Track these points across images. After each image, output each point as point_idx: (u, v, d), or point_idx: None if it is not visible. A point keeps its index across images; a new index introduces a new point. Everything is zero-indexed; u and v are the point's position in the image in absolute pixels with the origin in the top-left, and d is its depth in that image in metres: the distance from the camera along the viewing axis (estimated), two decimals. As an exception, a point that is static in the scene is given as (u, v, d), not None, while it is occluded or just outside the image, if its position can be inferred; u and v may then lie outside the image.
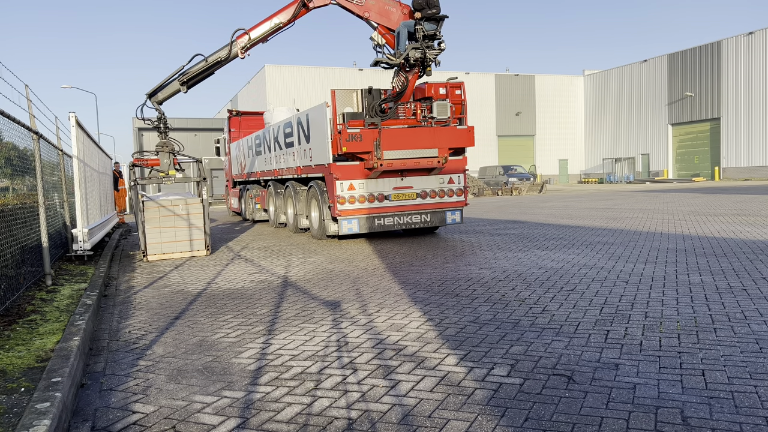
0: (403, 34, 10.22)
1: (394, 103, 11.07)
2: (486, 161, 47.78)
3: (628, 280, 6.51)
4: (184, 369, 4.12)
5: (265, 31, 10.68)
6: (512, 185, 35.12)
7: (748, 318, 4.72)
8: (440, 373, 3.78)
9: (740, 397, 3.18)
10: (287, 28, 10.76)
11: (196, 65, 10.79)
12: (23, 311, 5.57)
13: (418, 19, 10.04)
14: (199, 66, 10.78)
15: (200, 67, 10.78)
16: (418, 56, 10.03)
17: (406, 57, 10.08)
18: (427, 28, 10.09)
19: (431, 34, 10.09)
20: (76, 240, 9.30)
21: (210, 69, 10.89)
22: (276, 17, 10.66)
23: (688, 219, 13.20)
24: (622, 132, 51.64)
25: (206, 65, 10.76)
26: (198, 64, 10.78)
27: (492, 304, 5.62)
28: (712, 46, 43.30)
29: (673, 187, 34.66)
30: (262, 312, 5.79)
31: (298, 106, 22.01)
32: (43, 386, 3.36)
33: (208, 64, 10.75)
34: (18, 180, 7.73)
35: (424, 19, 10.06)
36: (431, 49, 10.17)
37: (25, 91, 7.49)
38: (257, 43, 10.77)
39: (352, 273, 7.87)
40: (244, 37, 10.68)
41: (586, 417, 3.02)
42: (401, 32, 10.22)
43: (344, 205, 10.72)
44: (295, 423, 3.12)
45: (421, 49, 10.04)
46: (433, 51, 10.15)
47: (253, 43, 10.71)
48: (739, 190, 25.36)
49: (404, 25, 10.23)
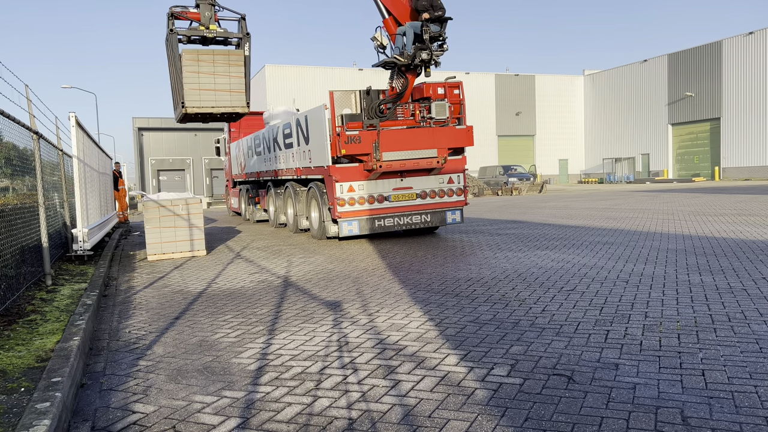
0: (409, 34, 10.35)
1: (392, 104, 11.09)
2: (486, 161, 47.77)
3: (628, 280, 6.51)
4: (184, 369, 4.12)
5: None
6: (512, 185, 35.12)
7: (748, 318, 4.72)
8: (440, 373, 3.78)
9: (740, 397, 3.18)
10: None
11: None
12: (23, 311, 5.57)
13: (425, 21, 10.18)
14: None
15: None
16: (425, 57, 10.19)
17: (413, 58, 10.21)
18: (432, 30, 10.22)
19: (436, 35, 10.23)
20: (76, 240, 9.29)
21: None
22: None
23: (688, 219, 13.20)
24: (622, 132, 51.64)
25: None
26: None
27: (492, 304, 5.62)
28: (712, 46, 43.30)
29: (673, 187, 34.66)
30: (262, 312, 5.79)
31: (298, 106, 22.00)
32: (43, 386, 3.36)
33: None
34: (18, 180, 7.74)
35: (431, 20, 10.20)
36: (439, 49, 10.38)
37: (25, 91, 7.50)
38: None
39: (352, 273, 7.87)
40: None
41: (586, 417, 3.02)
42: (407, 32, 10.35)
43: (344, 207, 10.72)
44: (295, 423, 3.12)
45: (428, 50, 10.20)
46: (437, 52, 10.32)
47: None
48: (739, 190, 25.36)
49: (410, 26, 10.33)
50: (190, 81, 9.84)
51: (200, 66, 9.85)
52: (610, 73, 53.08)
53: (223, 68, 10.02)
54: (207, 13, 10.33)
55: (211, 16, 10.34)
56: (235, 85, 10.05)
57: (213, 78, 9.97)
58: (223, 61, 10.08)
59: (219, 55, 10.05)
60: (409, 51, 10.31)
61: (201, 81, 9.93)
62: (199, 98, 9.90)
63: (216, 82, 9.98)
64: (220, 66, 10.03)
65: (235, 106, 10.03)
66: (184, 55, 9.89)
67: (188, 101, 9.84)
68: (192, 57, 9.84)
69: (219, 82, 10.02)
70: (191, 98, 9.85)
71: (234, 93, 10.04)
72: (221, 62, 10.06)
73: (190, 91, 9.80)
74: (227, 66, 10.04)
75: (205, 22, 10.31)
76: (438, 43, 10.46)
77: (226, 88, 10.00)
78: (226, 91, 10.00)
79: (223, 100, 9.99)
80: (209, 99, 9.96)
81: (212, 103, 9.93)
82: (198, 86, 9.86)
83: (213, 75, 9.96)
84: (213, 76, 9.96)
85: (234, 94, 10.04)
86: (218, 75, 10.02)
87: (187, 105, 9.76)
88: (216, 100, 9.94)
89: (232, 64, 10.10)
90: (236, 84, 10.07)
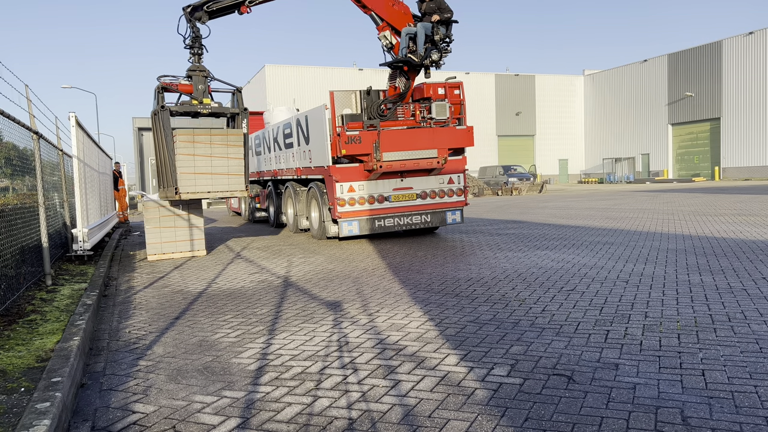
0: (420, 35, 10.58)
1: (393, 104, 11.11)
2: (486, 161, 47.76)
3: (628, 280, 6.51)
4: (184, 369, 4.12)
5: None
6: (512, 185, 35.11)
7: (748, 318, 4.72)
8: (440, 373, 3.78)
9: (740, 397, 3.18)
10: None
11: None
12: (23, 311, 5.57)
13: (435, 23, 10.45)
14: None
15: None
16: (435, 58, 10.54)
17: (425, 57, 10.49)
18: (441, 32, 10.56)
19: (443, 36, 10.52)
20: (76, 240, 9.29)
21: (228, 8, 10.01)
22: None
23: (688, 219, 13.20)
24: (622, 132, 51.62)
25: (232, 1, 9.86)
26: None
27: (492, 304, 5.62)
28: (712, 46, 43.29)
29: (673, 187, 34.65)
30: (262, 312, 5.79)
31: (298, 106, 22.02)
32: (43, 386, 3.36)
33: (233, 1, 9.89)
34: (18, 180, 7.74)
35: (440, 22, 10.48)
36: (444, 51, 10.68)
37: (25, 91, 7.50)
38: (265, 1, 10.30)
39: (352, 273, 7.87)
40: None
41: (586, 417, 3.02)
42: (419, 33, 10.59)
43: (344, 207, 10.72)
44: (295, 423, 3.12)
45: (439, 51, 10.50)
46: (444, 53, 10.68)
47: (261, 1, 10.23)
48: (739, 190, 25.36)
49: (422, 27, 10.64)
50: (184, 164, 8.99)
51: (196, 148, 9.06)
52: (610, 73, 53.07)
53: (220, 149, 9.26)
54: (200, 86, 9.61)
55: (204, 89, 9.65)
56: (234, 167, 9.33)
57: (210, 161, 9.18)
58: (221, 141, 9.31)
59: (216, 136, 9.28)
60: (421, 51, 10.52)
61: (197, 164, 9.11)
62: (195, 183, 9.08)
63: (213, 165, 9.21)
64: (217, 147, 9.25)
65: (233, 190, 9.38)
66: (178, 135, 9.04)
67: (182, 186, 8.98)
68: (187, 138, 9.03)
69: (216, 165, 9.25)
70: (186, 183, 8.99)
71: (233, 176, 9.35)
72: (219, 143, 9.29)
73: (184, 176, 8.98)
74: (225, 147, 9.29)
75: (198, 95, 9.59)
76: (444, 45, 10.68)
77: (224, 171, 9.27)
78: (224, 174, 9.28)
79: (221, 184, 9.25)
80: (205, 183, 9.18)
81: (208, 188, 9.19)
82: (193, 170, 9.07)
83: (210, 158, 9.17)
84: (210, 159, 9.18)
85: (232, 177, 9.35)
86: (215, 157, 9.22)
87: (182, 191, 8.95)
88: (213, 185, 9.20)
89: (231, 144, 9.36)
90: (235, 167, 9.34)
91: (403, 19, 10.86)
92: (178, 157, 8.91)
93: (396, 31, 10.88)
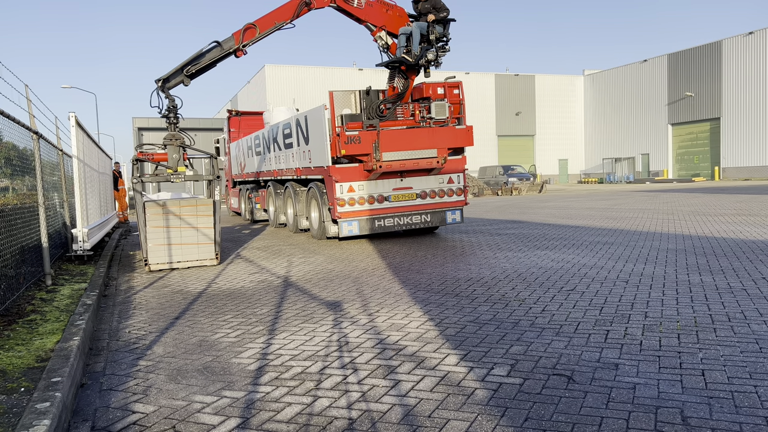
0: (415, 34, 10.54)
1: (392, 104, 11.10)
2: (486, 161, 47.75)
3: (628, 280, 6.51)
4: (184, 369, 4.12)
5: (267, 31, 10.59)
6: (512, 185, 35.11)
7: (748, 318, 4.72)
8: (440, 372, 3.78)
9: (740, 397, 3.18)
10: (288, 26, 10.70)
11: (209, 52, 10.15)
12: (23, 311, 5.57)
13: (431, 22, 10.37)
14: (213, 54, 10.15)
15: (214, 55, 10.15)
16: (431, 57, 10.44)
17: (420, 57, 10.43)
18: (437, 31, 10.46)
19: (440, 36, 10.45)
20: (76, 240, 9.29)
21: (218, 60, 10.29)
22: (277, 17, 10.60)
23: (688, 219, 13.20)
24: (622, 132, 51.63)
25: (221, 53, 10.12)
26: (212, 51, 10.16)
27: (492, 304, 5.62)
28: (712, 46, 43.29)
29: (673, 187, 34.66)
30: (262, 312, 5.79)
31: (298, 106, 21.99)
32: (43, 386, 3.36)
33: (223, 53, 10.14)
34: (18, 180, 7.74)
35: (436, 21, 10.41)
36: (441, 50, 10.60)
37: (25, 91, 7.50)
38: (258, 41, 10.68)
39: (352, 273, 7.87)
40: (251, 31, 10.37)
41: (586, 417, 3.02)
42: (414, 33, 10.55)
43: (344, 207, 10.72)
44: (295, 423, 3.12)
45: (435, 50, 10.42)
46: (441, 53, 10.58)
47: (254, 41, 10.60)
48: (739, 190, 25.36)
49: (417, 26, 10.54)
50: (154, 237, 9.12)
51: (166, 220, 9.19)
52: (609, 73, 53.07)
53: (191, 220, 9.38)
54: (175, 155, 9.69)
55: (179, 158, 9.74)
56: (203, 237, 9.45)
57: (179, 231, 9.29)
58: (191, 212, 9.40)
59: (186, 207, 9.36)
60: (416, 51, 10.46)
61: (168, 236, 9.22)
62: (166, 254, 9.24)
63: (182, 236, 9.30)
64: (187, 218, 9.35)
65: (203, 259, 9.47)
66: (148, 209, 9.14)
67: (152, 258, 9.12)
68: (157, 211, 9.16)
69: (186, 235, 9.34)
70: (156, 255, 9.15)
71: (202, 245, 9.47)
72: (188, 214, 9.38)
73: (154, 248, 9.15)
74: (195, 218, 9.40)
75: (173, 164, 9.70)
76: (441, 44, 10.62)
77: (193, 241, 9.40)
78: (194, 244, 9.42)
79: (190, 253, 9.40)
80: (176, 254, 9.32)
81: (178, 257, 9.34)
82: (164, 242, 9.20)
83: (179, 228, 9.28)
84: (179, 230, 9.28)
85: (202, 247, 9.47)
86: (185, 228, 9.34)
87: (151, 263, 9.12)
88: (183, 254, 9.35)
89: (200, 215, 9.39)
90: (204, 237, 9.48)
91: (399, 22, 10.89)
92: (149, 230, 9.15)
93: (391, 33, 10.93)
